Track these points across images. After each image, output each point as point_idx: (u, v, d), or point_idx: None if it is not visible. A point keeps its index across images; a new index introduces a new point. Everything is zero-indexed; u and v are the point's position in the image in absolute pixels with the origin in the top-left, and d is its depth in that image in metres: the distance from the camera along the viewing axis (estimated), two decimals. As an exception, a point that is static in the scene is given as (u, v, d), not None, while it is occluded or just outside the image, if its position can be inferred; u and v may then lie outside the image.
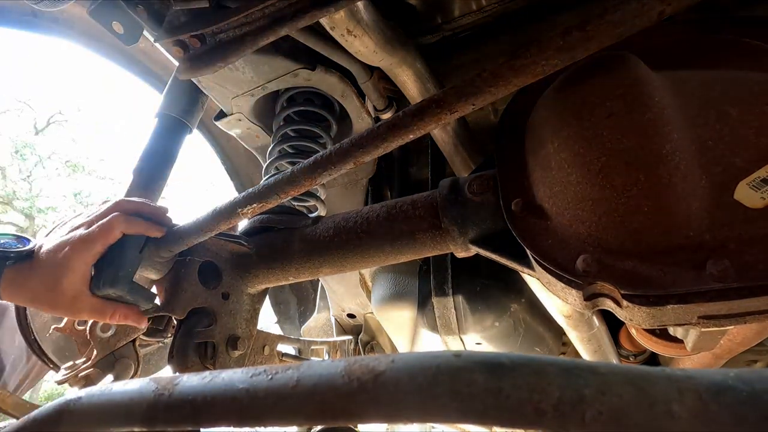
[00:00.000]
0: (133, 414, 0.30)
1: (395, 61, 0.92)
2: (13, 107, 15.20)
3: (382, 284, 1.30)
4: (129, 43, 0.90)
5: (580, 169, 0.56)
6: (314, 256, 0.86)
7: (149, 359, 1.32)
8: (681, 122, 0.54)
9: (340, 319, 1.69)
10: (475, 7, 1.02)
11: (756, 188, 0.50)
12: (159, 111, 1.15)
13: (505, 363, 0.23)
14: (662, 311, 0.50)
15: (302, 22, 0.72)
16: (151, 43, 1.13)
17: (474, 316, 1.14)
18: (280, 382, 0.27)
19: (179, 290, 0.83)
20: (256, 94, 1.06)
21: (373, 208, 0.82)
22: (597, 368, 0.22)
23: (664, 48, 0.65)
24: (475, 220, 0.72)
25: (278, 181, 0.66)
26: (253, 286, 0.95)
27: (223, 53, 0.79)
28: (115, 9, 0.86)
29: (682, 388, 0.21)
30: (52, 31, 1.37)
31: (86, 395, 0.33)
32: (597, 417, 0.21)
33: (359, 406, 0.24)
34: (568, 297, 0.59)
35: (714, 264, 0.48)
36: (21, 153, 14.84)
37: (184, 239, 0.77)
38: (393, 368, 0.25)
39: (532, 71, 0.50)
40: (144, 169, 1.09)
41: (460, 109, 0.54)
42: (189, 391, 0.29)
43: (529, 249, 0.60)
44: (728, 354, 0.95)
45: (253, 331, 0.96)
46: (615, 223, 0.54)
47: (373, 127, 0.60)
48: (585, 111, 0.57)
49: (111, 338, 1.05)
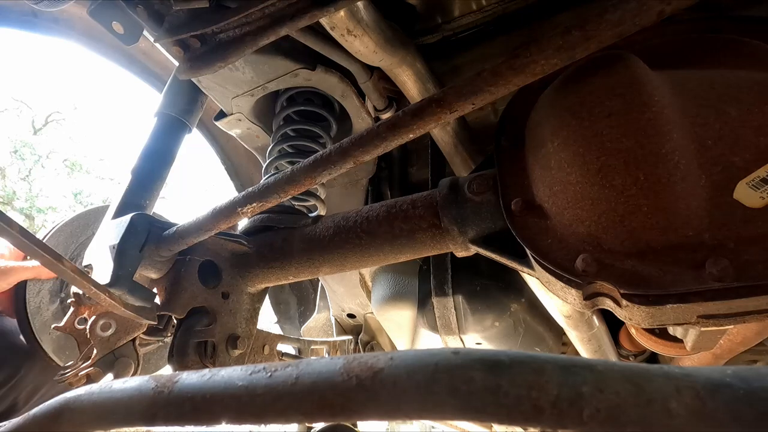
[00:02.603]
0: (133, 411, 0.30)
1: (395, 61, 0.92)
2: (12, 107, 15.20)
3: (382, 284, 1.30)
4: (129, 43, 0.90)
5: (579, 169, 0.56)
6: (314, 256, 0.86)
7: (149, 358, 1.32)
8: (680, 122, 0.54)
9: (340, 319, 1.69)
10: (475, 7, 1.02)
11: (755, 188, 0.50)
12: (158, 110, 1.15)
13: (504, 361, 0.23)
14: (661, 311, 0.50)
15: (302, 22, 0.72)
16: (151, 43, 1.13)
17: (474, 316, 1.14)
18: (279, 379, 0.27)
19: (179, 289, 0.83)
20: (256, 94, 1.07)
21: (373, 208, 0.82)
22: (595, 366, 0.22)
23: (664, 47, 0.65)
24: (474, 219, 0.72)
25: (278, 180, 0.67)
26: (253, 286, 0.95)
27: (223, 53, 0.79)
28: (115, 9, 0.86)
29: (679, 385, 0.21)
30: (52, 31, 1.37)
31: (86, 393, 0.33)
32: (595, 414, 0.21)
33: (358, 403, 0.24)
34: (567, 296, 0.59)
35: (713, 263, 0.48)
36: (20, 153, 14.84)
37: (184, 238, 0.77)
38: (392, 366, 0.25)
39: (532, 71, 0.50)
40: (143, 168, 1.09)
41: (459, 108, 0.54)
42: (188, 388, 0.29)
43: (529, 248, 0.60)
44: (728, 354, 0.94)
45: (252, 330, 0.96)
46: (614, 222, 0.54)
47: (373, 126, 0.60)
48: (584, 110, 0.57)
49: (111, 337, 1.05)
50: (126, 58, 1.60)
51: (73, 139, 17.34)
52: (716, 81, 0.57)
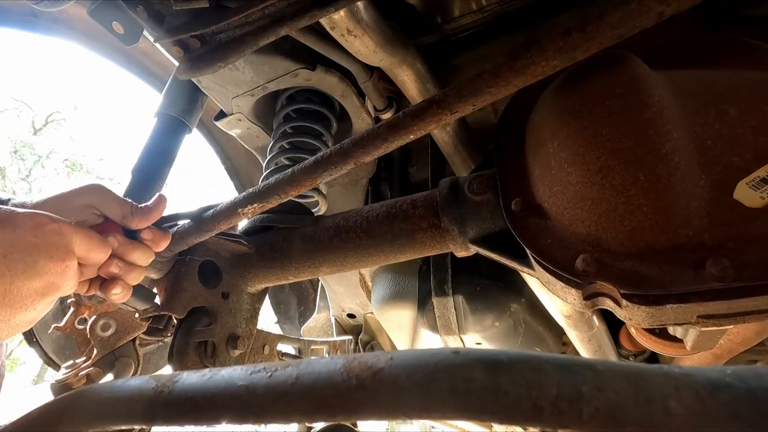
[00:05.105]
0: (134, 411, 0.30)
1: (395, 61, 0.92)
2: (12, 106, 15.21)
3: (382, 284, 1.30)
4: (129, 43, 0.90)
5: (579, 169, 0.57)
6: (314, 255, 0.86)
7: (149, 358, 1.32)
8: (680, 121, 0.54)
9: (340, 319, 1.69)
10: (475, 7, 1.02)
11: (755, 188, 0.50)
12: (158, 110, 1.16)
13: (503, 360, 0.23)
14: (661, 310, 0.50)
15: (302, 22, 0.73)
16: (151, 43, 1.13)
17: (474, 316, 1.14)
18: (279, 379, 0.27)
19: (179, 289, 0.83)
20: (256, 94, 1.07)
21: (373, 208, 0.82)
22: (594, 365, 0.23)
23: (664, 47, 0.65)
24: (474, 219, 0.72)
25: (278, 181, 0.67)
26: (253, 285, 0.95)
27: (224, 53, 0.79)
28: (115, 9, 0.86)
29: (679, 384, 0.21)
30: (52, 31, 1.38)
31: (88, 392, 0.33)
32: (594, 413, 0.21)
33: (358, 402, 0.24)
34: (567, 296, 0.59)
35: (713, 263, 0.48)
36: (20, 153, 14.84)
37: (185, 239, 0.77)
38: (391, 365, 0.25)
39: (532, 72, 0.50)
40: (143, 168, 1.09)
41: (460, 109, 0.54)
42: (189, 388, 0.29)
43: (529, 248, 0.60)
44: (728, 354, 0.94)
45: (253, 330, 0.96)
46: (614, 222, 0.54)
47: (373, 127, 0.60)
48: (584, 110, 0.57)
49: (111, 337, 1.05)
50: (126, 58, 1.60)
51: (73, 139, 17.34)
52: (716, 81, 0.57)
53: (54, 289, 0.54)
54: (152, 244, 0.69)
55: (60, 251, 0.53)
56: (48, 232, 0.53)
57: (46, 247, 0.52)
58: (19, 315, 0.50)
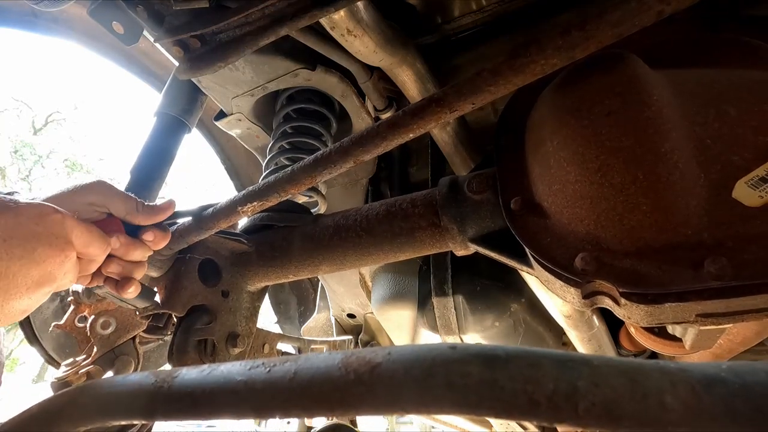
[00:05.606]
0: (134, 406, 0.30)
1: (395, 61, 0.92)
2: (12, 107, 15.22)
3: (382, 284, 1.30)
4: (129, 43, 0.90)
5: (578, 167, 0.57)
6: (314, 254, 0.86)
7: (149, 356, 1.32)
8: (680, 121, 0.54)
9: (340, 319, 1.69)
10: (475, 7, 1.02)
11: (754, 187, 0.50)
12: (158, 110, 1.16)
13: (500, 355, 0.23)
14: (660, 309, 0.50)
15: (302, 22, 0.73)
16: (151, 43, 1.14)
17: (474, 315, 1.14)
18: (277, 374, 0.27)
19: (179, 288, 0.83)
20: (256, 94, 1.07)
21: (373, 207, 0.82)
22: (591, 361, 0.23)
23: (664, 47, 0.65)
24: (474, 218, 0.72)
25: (278, 179, 0.67)
26: (252, 284, 0.96)
27: (223, 53, 0.79)
28: (115, 9, 0.86)
29: (675, 380, 0.21)
30: (52, 31, 1.38)
31: (87, 388, 0.34)
32: (590, 408, 0.21)
33: (356, 397, 0.24)
34: (566, 295, 0.59)
35: (712, 262, 0.48)
36: (20, 153, 14.85)
37: (185, 237, 0.77)
38: (389, 360, 0.25)
39: (532, 70, 0.51)
40: (142, 167, 1.09)
41: (459, 108, 0.55)
42: (188, 383, 0.29)
43: (528, 247, 0.60)
44: (728, 354, 0.94)
45: (252, 328, 0.96)
46: (613, 221, 0.54)
47: (373, 125, 0.60)
48: (584, 109, 0.57)
49: (111, 335, 1.06)
50: (126, 58, 1.60)
51: (73, 139, 17.36)
52: (716, 80, 0.57)
53: (50, 279, 0.54)
54: (152, 243, 0.69)
55: (59, 241, 0.54)
56: (50, 222, 0.53)
57: (46, 236, 0.52)
58: (13, 302, 0.50)
